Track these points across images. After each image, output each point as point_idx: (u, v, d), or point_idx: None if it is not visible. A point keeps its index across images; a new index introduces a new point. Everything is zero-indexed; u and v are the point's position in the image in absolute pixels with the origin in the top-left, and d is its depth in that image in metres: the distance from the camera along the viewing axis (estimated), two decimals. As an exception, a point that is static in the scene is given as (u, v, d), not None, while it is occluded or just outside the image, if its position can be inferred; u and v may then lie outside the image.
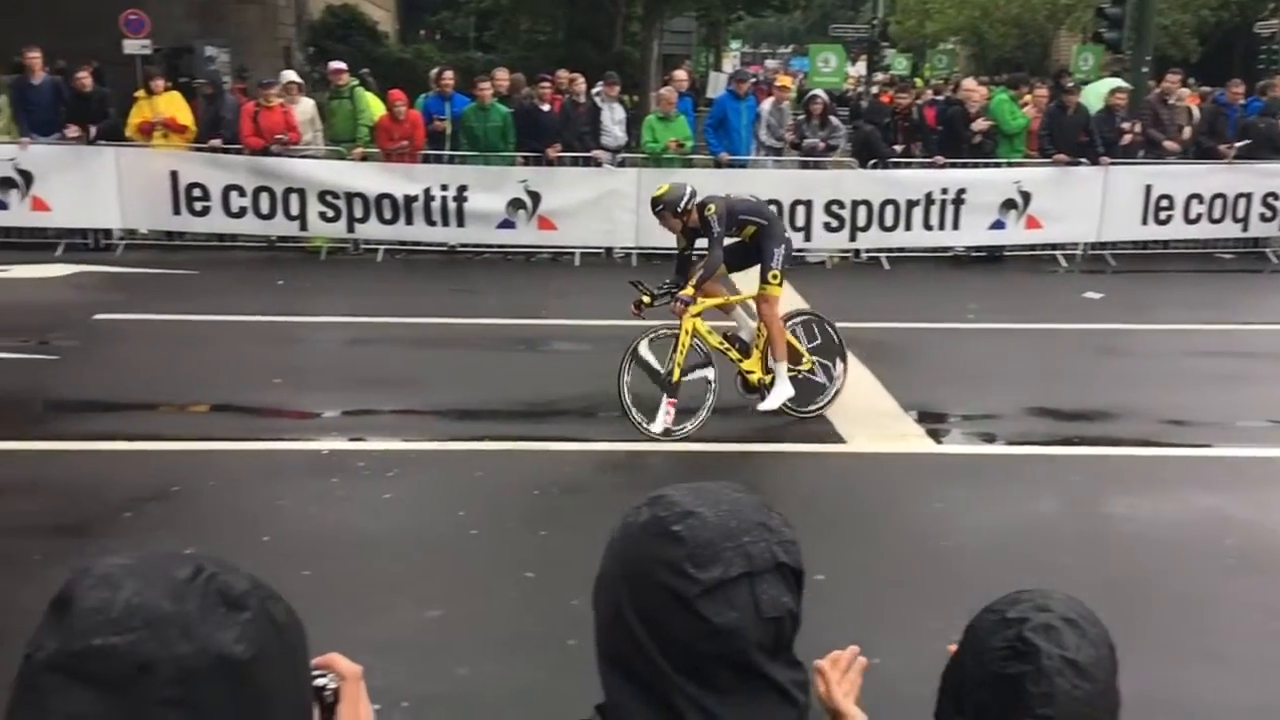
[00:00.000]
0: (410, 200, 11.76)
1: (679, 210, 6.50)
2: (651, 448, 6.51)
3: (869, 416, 7.18)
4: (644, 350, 6.51)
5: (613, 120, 12.48)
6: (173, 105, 12.01)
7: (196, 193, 11.74)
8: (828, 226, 12.16)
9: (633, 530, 1.12)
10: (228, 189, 11.73)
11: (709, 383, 6.65)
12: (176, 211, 11.82)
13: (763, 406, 6.76)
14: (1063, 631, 1.37)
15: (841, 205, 12.09)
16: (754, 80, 15.20)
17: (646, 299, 6.55)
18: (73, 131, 11.65)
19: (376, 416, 7.21)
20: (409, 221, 11.89)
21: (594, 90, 12.90)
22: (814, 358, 7.08)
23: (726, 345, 6.84)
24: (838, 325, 7.31)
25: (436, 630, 4.36)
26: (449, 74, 12.88)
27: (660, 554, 1.08)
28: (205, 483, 5.80)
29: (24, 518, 5.28)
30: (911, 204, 12.14)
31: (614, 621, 1.11)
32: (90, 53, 12.86)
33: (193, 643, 0.91)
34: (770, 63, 50.65)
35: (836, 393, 7.12)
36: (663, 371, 6.54)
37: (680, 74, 13.88)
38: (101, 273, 11.07)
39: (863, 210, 12.12)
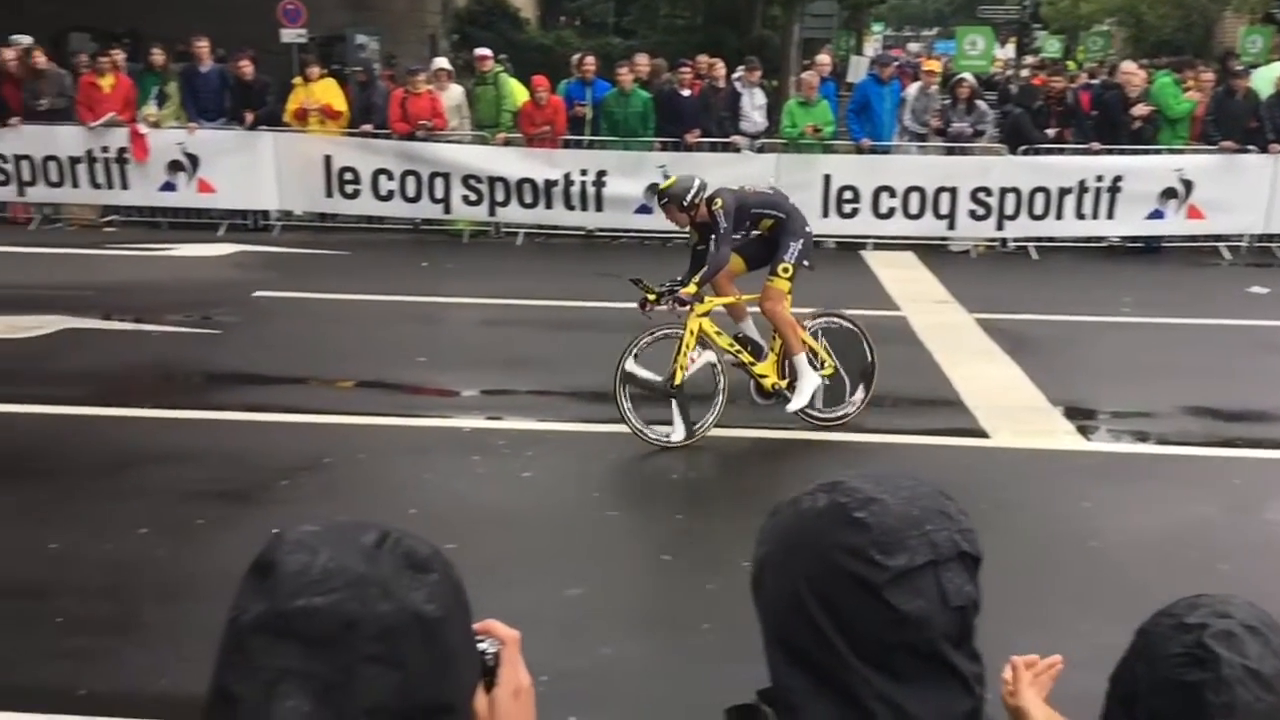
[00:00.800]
0: (550, 185, 11.95)
1: (685, 204, 6.14)
2: (790, 435, 6.46)
3: (1014, 411, 6.96)
4: (632, 367, 6.05)
5: (752, 105, 12.38)
6: (328, 92, 12.47)
7: (348, 176, 12.18)
8: (973, 215, 11.82)
9: (810, 516, 1.12)
10: (377, 173, 12.13)
11: (713, 366, 6.19)
12: (329, 194, 12.30)
13: (791, 407, 6.31)
14: (1245, 640, 1.30)
15: (988, 193, 11.72)
16: (897, 64, 14.87)
17: (651, 297, 6.12)
18: (240, 118, 12.24)
19: (515, 396, 7.35)
20: (549, 206, 12.08)
21: (734, 75, 12.82)
22: (835, 363, 6.49)
23: (737, 348, 6.36)
24: (868, 341, 6.58)
25: (576, 608, 4.43)
26: (590, 60, 13.00)
27: (844, 540, 1.07)
28: (355, 455, 6.02)
29: (188, 483, 5.58)
30: (1064, 191, 11.69)
31: (790, 608, 1.10)
32: (248, 41, 13.42)
33: (392, 602, 0.96)
34: (913, 46, 49.41)
35: (848, 416, 6.53)
36: (660, 380, 6.10)
37: (823, 58, 13.67)
38: (260, 252, 11.59)
39: (1011, 198, 11.73)
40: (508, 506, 5.46)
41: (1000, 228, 11.93)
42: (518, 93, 12.60)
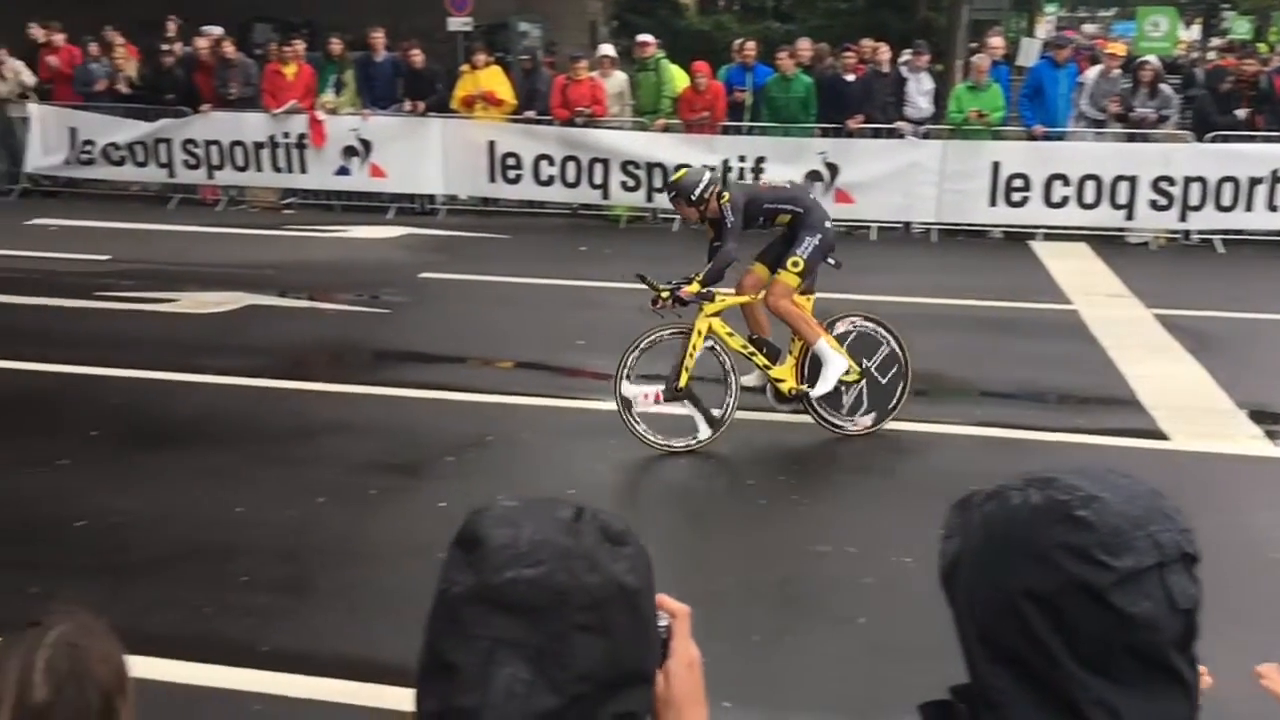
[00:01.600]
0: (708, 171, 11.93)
1: (693, 198, 5.90)
2: (949, 430, 6.29)
3: (1195, 413, 6.59)
4: (629, 391, 5.77)
5: (919, 91, 12.06)
6: (494, 79, 12.78)
7: (510, 162, 12.46)
8: (1154, 205, 11.20)
9: (1023, 513, 1.08)
10: (539, 158, 12.37)
11: (712, 350, 5.88)
12: (492, 179, 12.61)
13: (815, 392, 5.93)
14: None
15: (1171, 182, 11.09)
16: (1073, 46, 14.22)
17: (664, 294, 5.82)
18: (410, 106, 12.68)
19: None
20: (707, 192, 12.06)
21: (900, 59, 12.51)
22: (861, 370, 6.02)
23: (752, 350, 6.02)
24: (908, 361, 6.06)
25: (727, 594, 4.43)
26: (751, 44, 12.90)
27: (1066, 540, 1.03)
28: (517, 434, 6.18)
29: (360, 455, 5.83)
30: (1254, 181, 10.96)
31: (999, 607, 1.07)
32: (416, 30, 13.86)
33: (598, 573, 0.99)
34: (1088, 27, 47.06)
35: (861, 430, 6.08)
36: (679, 386, 5.81)
37: (995, 40, 13.18)
38: (425, 235, 11.99)
39: (1196, 188, 11.07)
40: (662, 489, 5.50)
41: (1184, 219, 11.28)
42: (678, 79, 12.62)
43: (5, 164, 13.65)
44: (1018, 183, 11.41)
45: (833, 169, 11.67)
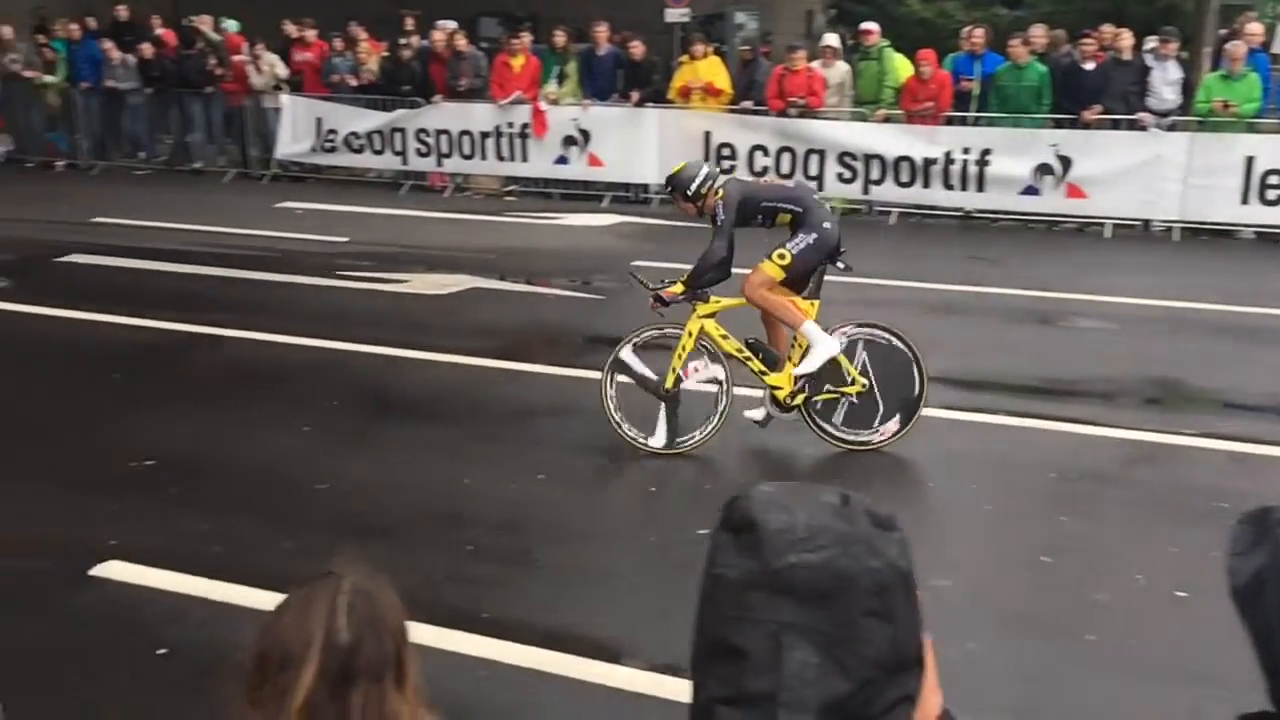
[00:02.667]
0: (929, 163, 11.58)
1: (689, 193, 5.66)
2: (1189, 443, 5.87)
3: None
4: (627, 355, 5.67)
5: (1164, 80, 11.28)
6: (713, 70, 12.83)
7: (725, 152, 12.47)
8: None
9: None
10: (753, 149, 12.33)
11: (719, 383, 5.63)
12: (706, 169, 12.66)
13: (798, 371, 5.56)
14: None
15: None
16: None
17: (676, 288, 5.65)
18: (628, 96, 12.92)
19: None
20: (925, 185, 11.72)
21: (1145, 47, 11.74)
22: (868, 381, 5.64)
23: (747, 354, 5.66)
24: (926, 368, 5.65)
25: (943, 599, 4.29)
26: (979, 31, 12.42)
27: None
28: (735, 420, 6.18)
29: (578, 436, 5.97)
30: None
31: None
32: (634, 22, 14.06)
33: (879, 558, 0.98)
34: (1358, 10, 42.78)
35: (870, 445, 5.67)
36: (655, 378, 5.66)
37: (1253, 26, 12.14)
38: (638, 223, 12.18)
39: None
40: (882, 489, 5.38)
41: None
42: (901, 68, 12.30)
43: (258, 150, 14.77)
44: (1274, 179, 10.52)
45: (1065, 162, 11.10)
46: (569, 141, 13.13)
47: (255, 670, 1.32)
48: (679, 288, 5.67)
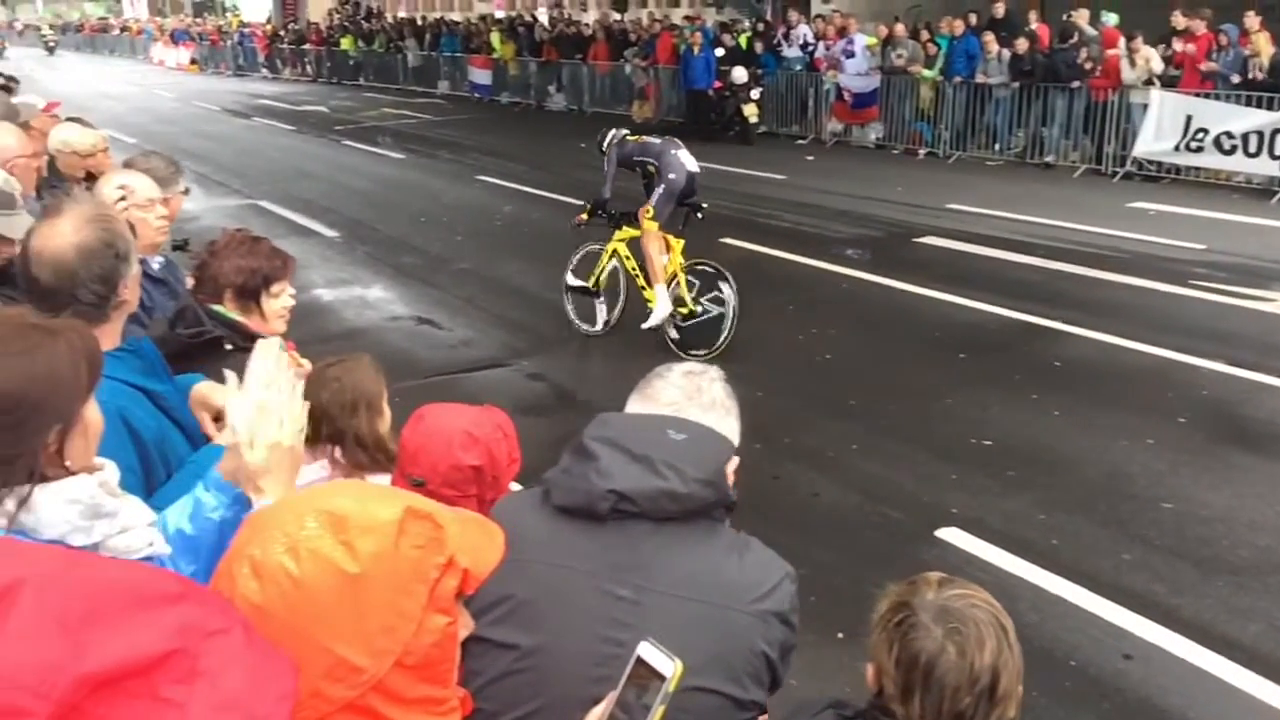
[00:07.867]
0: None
1: (602, 149, 7.56)
2: None
3: None
4: (570, 280, 7.85)
5: None
6: None
7: None
8: None
9: None
10: None
11: (617, 271, 7.65)
12: None
13: (645, 325, 7.33)
14: None
15: None
16: None
17: (584, 215, 7.56)
18: None
19: None
20: None
21: None
22: (701, 299, 7.26)
23: (637, 271, 7.49)
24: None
25: None
26: None
27: None
28: None
29: None
30: None
31: None
32: None
33: None
34: None
35: (734, 318, 7.10)
36: (588, 284, 7.70)
37: None
38: None
39: None
40: None
41: None
42: None
43: (1114, 146, 14.33)
44: None
45: None
46: None
47: None
48: (584, 215, 7.54)
